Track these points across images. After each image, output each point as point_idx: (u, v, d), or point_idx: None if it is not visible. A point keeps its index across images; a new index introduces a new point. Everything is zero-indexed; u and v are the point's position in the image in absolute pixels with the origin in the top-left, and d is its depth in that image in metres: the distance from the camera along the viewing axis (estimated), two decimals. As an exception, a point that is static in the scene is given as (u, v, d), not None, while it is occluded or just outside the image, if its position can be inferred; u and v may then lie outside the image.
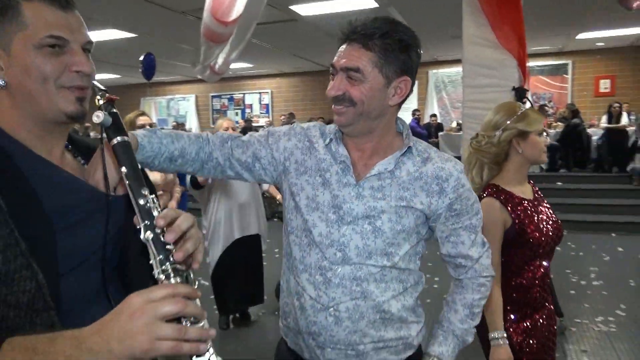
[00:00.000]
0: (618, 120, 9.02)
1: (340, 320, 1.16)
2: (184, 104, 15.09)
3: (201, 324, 0.69)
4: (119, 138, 0.79)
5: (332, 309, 1.16)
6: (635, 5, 6.25)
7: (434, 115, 11.47)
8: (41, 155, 0.82)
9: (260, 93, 14.32)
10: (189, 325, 0.67)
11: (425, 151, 1.24)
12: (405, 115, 10.30)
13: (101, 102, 0.81)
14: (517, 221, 1.65)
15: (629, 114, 9.33)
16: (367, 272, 1.17)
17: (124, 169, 0.77)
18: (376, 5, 6.51)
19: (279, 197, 4.16)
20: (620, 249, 6.08)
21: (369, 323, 1.18)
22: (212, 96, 14.74)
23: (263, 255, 4.06)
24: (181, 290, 0.67)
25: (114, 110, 0.81)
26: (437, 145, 9.20)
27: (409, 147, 1.22)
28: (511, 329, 1.67)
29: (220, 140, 1.26)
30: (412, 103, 11.66)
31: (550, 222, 1.71)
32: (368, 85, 1.13)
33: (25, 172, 0.77)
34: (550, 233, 1.69)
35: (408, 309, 1.23)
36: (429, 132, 10.78)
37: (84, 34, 0.85)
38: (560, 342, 3.59)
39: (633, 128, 9.08)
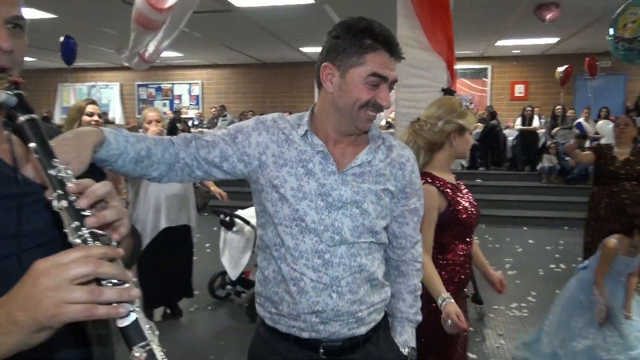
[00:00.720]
0: (530, 123, 9.82)
1: (342, 295, 1.26)
2: (107, 92, 14.30)
3: (125, 287, 0.62)
4: (26, 116, 0.75)
5: (334, 286, 1.25)
6: (548, 17, 6.82)
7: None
8: None
9: (190, 84, 13.90)
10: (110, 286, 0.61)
11: (387, 140, 1.39)
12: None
13: (6, 84, 0.76)
14: (452, 203, 1.84)
15: (539, 117, 10.19)
16: (359, 248, 1.28)
17: (32, 145, 0.72)
18: (312, 1, 6.56)
19: (212, 188, 4.10)
20: (531, 241, 6.62)
21: (365, 291, 1.30)
22: (138, 85, 14.10)
23: (193, 249, 3.99)
24: (96, 251, 0.61)
25: (19, 91, 0.76)
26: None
27: (383, 139, 1.36)
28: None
29: (184, 141, 1.25)
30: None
31: (474, 204, 1.93)
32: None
33: None
34: (475, 212, 1.92)
35: (384, 275, 1.40)
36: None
37: (12, 7, 0.79)
38: (480, 327, 3.86)
39: (543, 130, 9.96)
